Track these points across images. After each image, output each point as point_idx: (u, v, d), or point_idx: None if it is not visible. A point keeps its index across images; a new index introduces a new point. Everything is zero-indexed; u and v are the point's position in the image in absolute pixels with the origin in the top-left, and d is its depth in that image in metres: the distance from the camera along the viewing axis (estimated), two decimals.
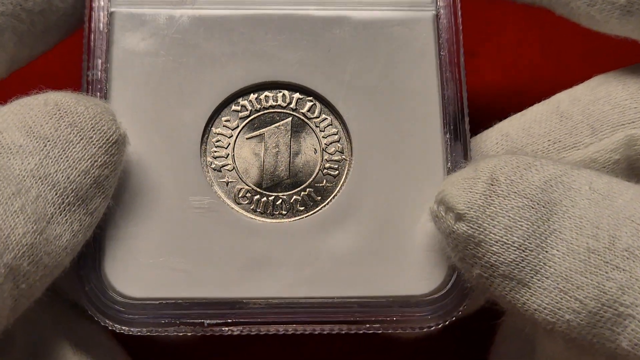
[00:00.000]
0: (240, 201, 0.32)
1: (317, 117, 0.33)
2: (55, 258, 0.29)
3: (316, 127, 0.33)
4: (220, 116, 0.33)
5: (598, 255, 0.28)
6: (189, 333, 0.31)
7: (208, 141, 0.33)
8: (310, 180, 0.32)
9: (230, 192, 0.32)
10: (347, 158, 0.33)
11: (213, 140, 0.33)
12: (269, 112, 0.33)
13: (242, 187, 0.32)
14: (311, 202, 0.32)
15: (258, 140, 0.33)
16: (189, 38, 0.33)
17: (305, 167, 0.32)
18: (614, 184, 0.29)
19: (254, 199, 0.32)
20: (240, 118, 0.33)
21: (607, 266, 0.28)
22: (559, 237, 0.28)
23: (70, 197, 0.29)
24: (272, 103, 0.33)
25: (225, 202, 0.32)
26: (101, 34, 0.33)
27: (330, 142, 0.33)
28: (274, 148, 0.33)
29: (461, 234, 0.29)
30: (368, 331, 0.31)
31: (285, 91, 0.33)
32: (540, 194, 0.29)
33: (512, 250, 0.28)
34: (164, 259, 0.31)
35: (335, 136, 0.33)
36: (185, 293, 0.31)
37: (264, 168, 0.32)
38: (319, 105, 0.33)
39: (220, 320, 0.31)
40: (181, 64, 0.33)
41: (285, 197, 0.32)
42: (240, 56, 0.33)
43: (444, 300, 0.31)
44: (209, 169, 0.32)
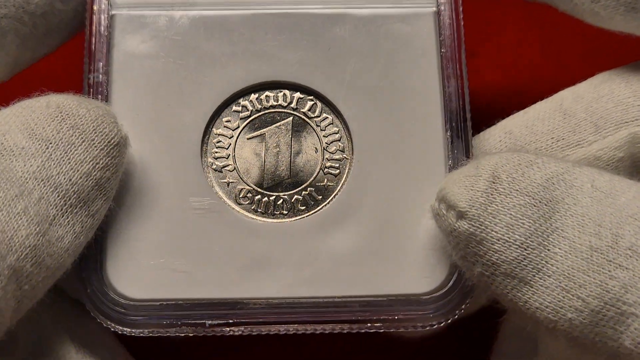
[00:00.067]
0: (241, 201, 0.32)
1: (318, 117, 0.33)
2: (57, 259, 0.29)
3: (317, 127, 0.33)
4: (221, 117, 0.33)
5: (601, 253, 0.28)
6: (191, 334, 0.31)
7: (209, 142, 0.33)
8: (311, 179, 0.32)
9: (231, 193, 0.32)
10: (348, 157, 0.32)
11: (214, 141, 0.33)
12: (269, 112, 0.33)
13: (243, 188, 0.32)
14: (312, 202, 0.32)
15: (259, 140, 0.33)
16: (189, 39, 0.33)
17: (306, 167, 0.32)
18: (617, 182, 0.29)
19: (255, 199, 0.32)
20: (240, 118, 0.33)
21: (610, 264, 0.28)
22: (561, 235, 0.28)
23: (72, 199, 0.29)
24: (273, 103, 0.33)
25: (226, 203, 0.32)
26: (102, 36, 0.33)
27: (331, 141, 0.33)
28: (275, 148, 0.33)
29: (462, 232, 0.29)
30: (370, 330, 0.31)
31: (286, 91, 0.33)
32: (542, 191, 0.29)
33: (514, 249, 0.28)
34: (165, 260, 0.31)
35: (336, 135, 0.33)
36: (186, 294, 0.31)
37: (265, 168, 0.32)
38: (319, 104, 0.33)
39: (221, 321, 0.31)
40: (181, 65, 0.33)
41: (286, 197, 0.32)
42: (240, 56, 0.33)
43: (445, 299, 0.31)
44: (210, 170, 0.32)
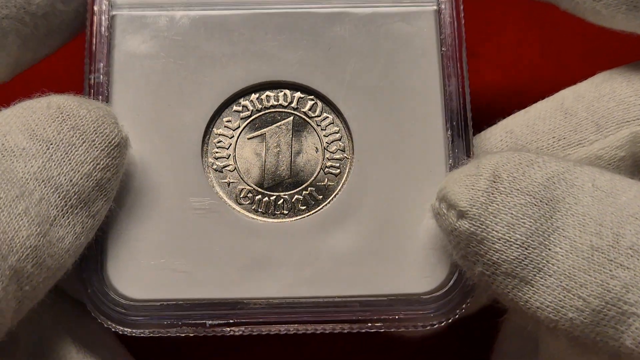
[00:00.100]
0: (242, 201, 0.32)
1: (319, 116, 0.33)
2: (58, 260, 0.29)
3: (317, 126, 0.33)
4: (222, 117, 0.33)
5: (602, 253, 0.28)
6: (191, 334, 0.31)
7: (209, 142, 0.33)
8: (311, 179, 0.32)
9: (232, 193, 0.32)
10: (349, 156, 0.32)
11: (214, 141, 0.33)
12: (270, 112, 0.33)
13: (244, 188, 0.32)
14: (313, 201, 0.32)
15: (259, 140, 0.33)
16: (189, 39, 0.33)
17: (307, 166, 0.32)
18: (618, 181, 0.29)
19: (255, 199, 0.32)
20: (241, 118, 0.33)
21: (611, 264, 0.28)
22: (562, 235, 0.28)
23: (73, 200, 0.29)
24: (274, 102, 0.33)
25: (227, 203, 0.32)
26: (103, 37, 0.33)
27: (332, 141, 0.33)
28: (275, 148, 0.33)
29: (463, 232, 0.29)
30: (370, 330, 0.31)
31: (287, 90, 0.33)
32: (543, 191, 0.29)
33: (515, 248, 0.28)
34: (166, 261, 0.31)
35: (337, 135, 0.33)
36: (186, 294, 0.31)
37: (266, 168, 0.32)
38: (320, 104, 0.33)
39: (221, 321, 0.31)
40: (182, 66, 0.33)
41: (287, 197, 0.32)
42: (240, 56, 0.33)
43: (446, 298, 0.31)
44: (210, 170, 0.32)
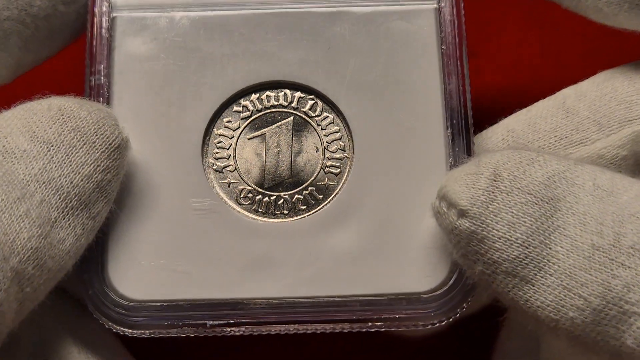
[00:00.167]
0: (242, 202, 0.32)
1: (319, 116, 0.33)
2: (58, 262, 0.29)
3: (317, 126, 0.33)
4: (222, 117, 0.33)
5: (603, 252, 0.28)
6: (192, 334, 0.31)
7: (210, 142, 0.33)
8: (312, 178, 0.32)
9: (232, 193, 0.32)
10: (349, 156, 0.32)
11: (215, 141, 0.33)
12: (270, 112, 0.33)
13: (244, 188, 0.32)
14: (313, 201, 0.32)
15: (260, 140, 0.33)
16: (189, 40, 0.33)
17: (307, 166, 0.32)
18: (619, 180, 0.29)
19: (255, 199, 0.32)
20: (241, 118, 0.33)
21: (612, 263, 0.28)
22: (563, 234, 0.28)
23: (74, 202, 0.29)
24: (274, 102, 0.33)
25: (227, 203, 0.32)
26: (103, 39, 0.33)
27: (332, 141, 0.33)
28: (276, 147, 0.33)
29: (464, 231, 0.29)
30: (371, 330, 0.31)
31: (287, 90, 0.33)
32: (544, 189, 0.29)
33: (515, 247, 0.28)
34: (166, 261, 0.31)
35: (337, 134, 0.33)
36: (187, 295, 0.31)
37: (266, 168, 0.32)
38: (320, 103, 0.33)
39: (222, 321, 0.31)
40: (182, 67, 0.33)
41: (287, 197, 0.32)
42: (240, 57, 0.33)
43: (446, 297, 0.31)
44: (211, 170, 0.32)
